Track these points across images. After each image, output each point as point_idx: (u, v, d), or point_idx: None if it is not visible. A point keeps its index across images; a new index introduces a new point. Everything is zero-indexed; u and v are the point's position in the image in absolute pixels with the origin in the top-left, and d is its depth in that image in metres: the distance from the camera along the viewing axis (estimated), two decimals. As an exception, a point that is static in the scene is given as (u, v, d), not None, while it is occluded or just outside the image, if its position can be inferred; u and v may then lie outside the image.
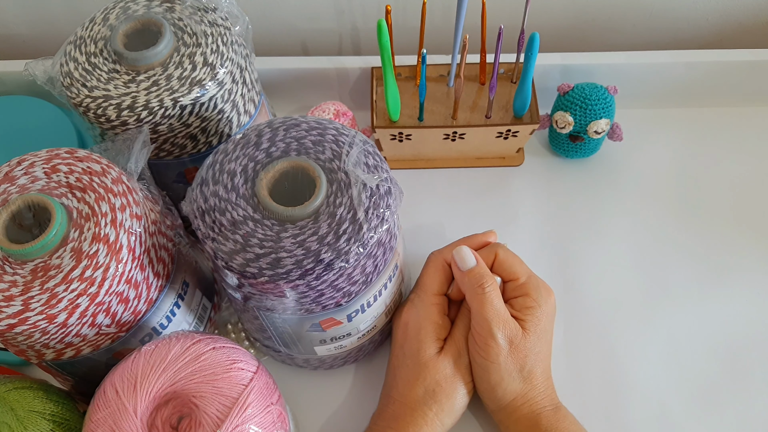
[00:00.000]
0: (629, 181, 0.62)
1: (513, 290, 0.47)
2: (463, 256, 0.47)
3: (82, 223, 0.40)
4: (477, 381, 0.47)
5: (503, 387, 0.46)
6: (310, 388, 0.52)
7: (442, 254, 0.49)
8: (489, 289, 0.45)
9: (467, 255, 0.47)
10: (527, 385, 0.46)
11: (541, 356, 0.46)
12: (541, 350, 0.46)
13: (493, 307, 0.45)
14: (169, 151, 0.48)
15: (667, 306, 0.55)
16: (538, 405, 0.46)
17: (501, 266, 0.48)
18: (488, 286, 0.45)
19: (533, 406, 0.46)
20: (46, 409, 0.42)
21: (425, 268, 0.49)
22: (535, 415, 0.45)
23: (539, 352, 0.46)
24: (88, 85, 0.46)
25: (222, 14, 0.48)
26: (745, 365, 0.53)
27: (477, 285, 0.45)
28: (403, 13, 0.66)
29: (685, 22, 0.69)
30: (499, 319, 0.45)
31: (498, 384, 0.46)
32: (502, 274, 0.48)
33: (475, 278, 0.46)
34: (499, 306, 0.45)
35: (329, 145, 0.42)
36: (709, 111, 0.66)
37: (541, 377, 0.46)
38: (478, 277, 0.46)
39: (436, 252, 0.50)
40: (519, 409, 0.46)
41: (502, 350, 0.45)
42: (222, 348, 0.42)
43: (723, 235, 0.59)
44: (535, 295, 0.46)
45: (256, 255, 0.38)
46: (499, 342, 0.44)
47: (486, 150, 0.62)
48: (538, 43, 0.51)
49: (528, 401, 0.46)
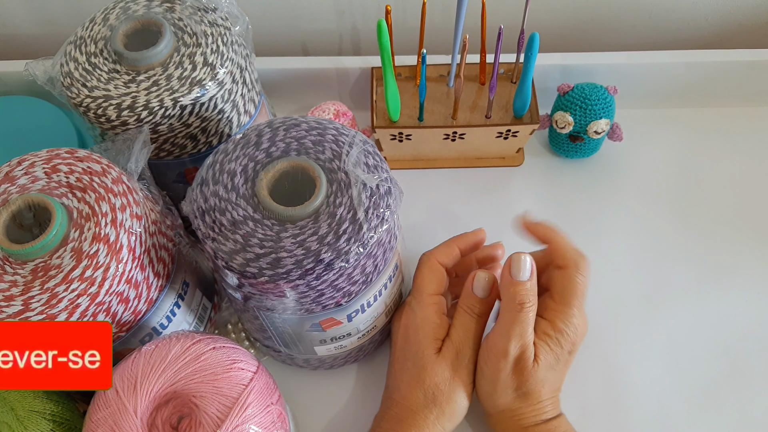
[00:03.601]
0: (629, 181, 0.62)
1: (545, 310, 0.45)
2: (521, 265, 0.44)
3: (83, 223, 0.40)
4: (477, 380, 0.47)
5: (494, 398, 0.46)
6: (310, 388, 0.52)
7: (433, 254, 0.49)
8: (528, 310, 0.43)
9: (526, 265, 0.44)
10: (520, 402, 0.45)
11: (545, 383, 0.45)
12: (547, 378, 0.45)
13: (521, 327, 0.43)
14: (169, 151, 0.48)
15: (667, 306, 0.55)
16: (528, 420, 0.45)
17: (560, 281, 0.45)
18: (528, 308, 0.43)
19: (522, 420, 0.45)
20: (46, 409, 0.42)
21: (418, 270, 0.49)
22: (522, 428, 0.45)
23: (543, 379, 0.45)
24: (88, 85, 0.46)
25: (222, 14, 0.48)
26: (745, 365, 0.53)
27: (518, 302, 0.43)
28: (403, 13, 0.66)
29: (685, 22, 0.69)
30: (520, 340, 0.43)
31: (490, 393, 0.46)
32: (552, 287, 0.46)
33: (521, 294, 0.43)
34: (529, 329, 0.43)
35: (329, 145, 0.42)
36: (709, 111, 0.66)
37: (539, 399, 0.45)
38: (524, 294, 0.43)
39: (427, 253, 0.49)
40: (507, 420, 0.46)
41: (506, 366, 0.44)
42: (222, 348, 0.42)
43: (723, 235, 0.59)
44: (560, 326, 0.44)
45: (256, 255, 0.38)
46: (509, 361, 0.44)
47: (486, 150, 0.62)
48: (538, 43, 0.51)
49: (517, 416, 0.46)
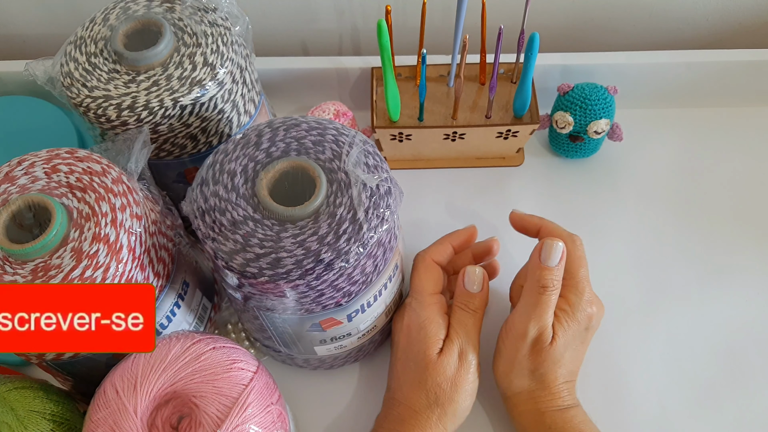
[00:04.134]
0: (629, 181, 0.62)
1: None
2: (553, 251, 0.44)
3: (83, 223, 0.40)
4: (494, 360, 0.48)
5: (510, 378, 0.47)
6: (310, 388, 0.52)
7: (428, 253, 0.49)
8: (550, 294, 0.44)
9: (556, 252, 0.44)
10: (537, 385, 0.46)
11: (561, 363, 0.46)
12: (564, 357, 0.46)
13: (541, 309, 0.44)
14: (169, 151, 0.48)
15: (667, 306, 0.55)
16: (545, 405, 0.46)
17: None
18: (551, 292, 0.44)
19: (539, 404, 0.46)
20: (46, 409, 0.42)
21: (415, 270, 0.49)
22: (539, 413, 0.46)
23: (559, 359, 0.45)
24: (88, 85, 0.46)
25: (222, 14, 0.48)
26: (745, 365, 0.53)
27: (542, 285, 0.44)
28: (403, 13, 0.66)
29: (685, 22, 0.69)
30: (539, 321, 0.44)
31: (506, 374, 0.47)
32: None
33: (547, 279, 0.44)
34: (549, 312, 0.44)
35: (329, 145, 0.42)
36: (709, 111, 0.66)
37: (556, 382, 0.46)
38: (550, 279, 0.44)
39: (422, 252, 0.50)
40: (524, 404, 0.47)
41: (524, 347, 0.45)
42: (222, 348, 0.42)
43: (723, 235, 0.59)
44: (572, 299, 0.45)
45: (256, 255, 0.38)
46: (527, 342, 0.45)
47: (486, 150, 0.62)
48: (538, 43, 0.51)
49: (533, 399, 0.46)
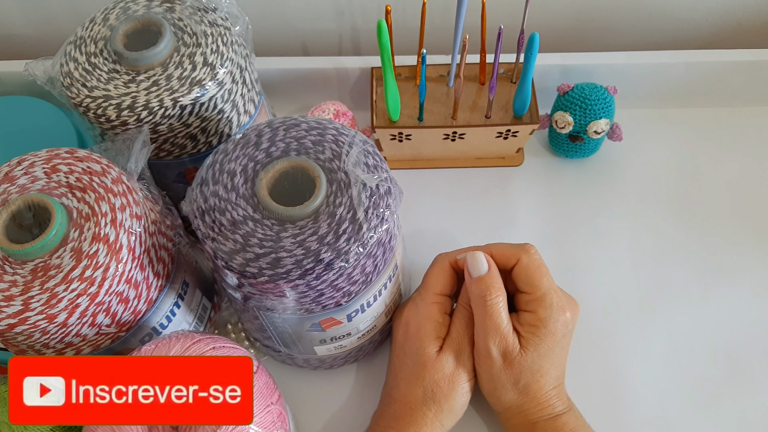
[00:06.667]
0: (629, 181, 0.62)
1: (525, 303, 0.45)
2: (475, 261, 0.45)
3: (82, 223, 0.40)
4: (478, 382, 0.47)
5: (497, 396, 0.46)
6: (310, 388, 0.52)
7: (448, 256, 0.48)
8: (492, 301, 0.44)
9: (480, 261, 0.45)
10: (523, 398, 0.45)
11: (543, 372, 0.45)
12: (543, 367, 0.45)
13: (492, 320, 0.44)
14: (169, 151, 0.48)
15: (667, 306, 0.55)
16: (535, 416, 0.45)
17: (519, 274, 0.45)
18: (491, 299, 0.44)
19: (529, 416, 0.45)
20: (46, 409, 0.42)
21: (430, 268, 0.49)
22: (531, 424, 0.45)
23: (539, 369, 0.44)
24: (88, 85, 0.46)
25: (222, 14, 0.48)
26: (745, 365, 0.53)
27: (480, 296, 0.44)
28: (403, 13, 0.66)
29: (685, 22, 0.69)
30: (496, 333, 0.44)
31: (491, 392, 0.46)
32: (519, 284, 0.46)
33: (481, 288, 0.44)
34: (499, 319, 0.44)
35: (329, 145, 0.42)
36: (709, 111, 0.66)
37: (542, 391, 0.45)
38: (483, 287, 0.44)
39: (444, 254, 0.49)
40: (515, 417, 0.46)
41: (495, 363, 0.44)
42: (222, 348, 0.42)
43: (723, 235, 0.59)
44: (543, 314, 0.44)
45: (256, 255, 0.38)
46: (493, 355, 0.44)
47: (486, 150, 0.62)
48: (537, 43, 0.51)
49: (523, 412, 0.46)
